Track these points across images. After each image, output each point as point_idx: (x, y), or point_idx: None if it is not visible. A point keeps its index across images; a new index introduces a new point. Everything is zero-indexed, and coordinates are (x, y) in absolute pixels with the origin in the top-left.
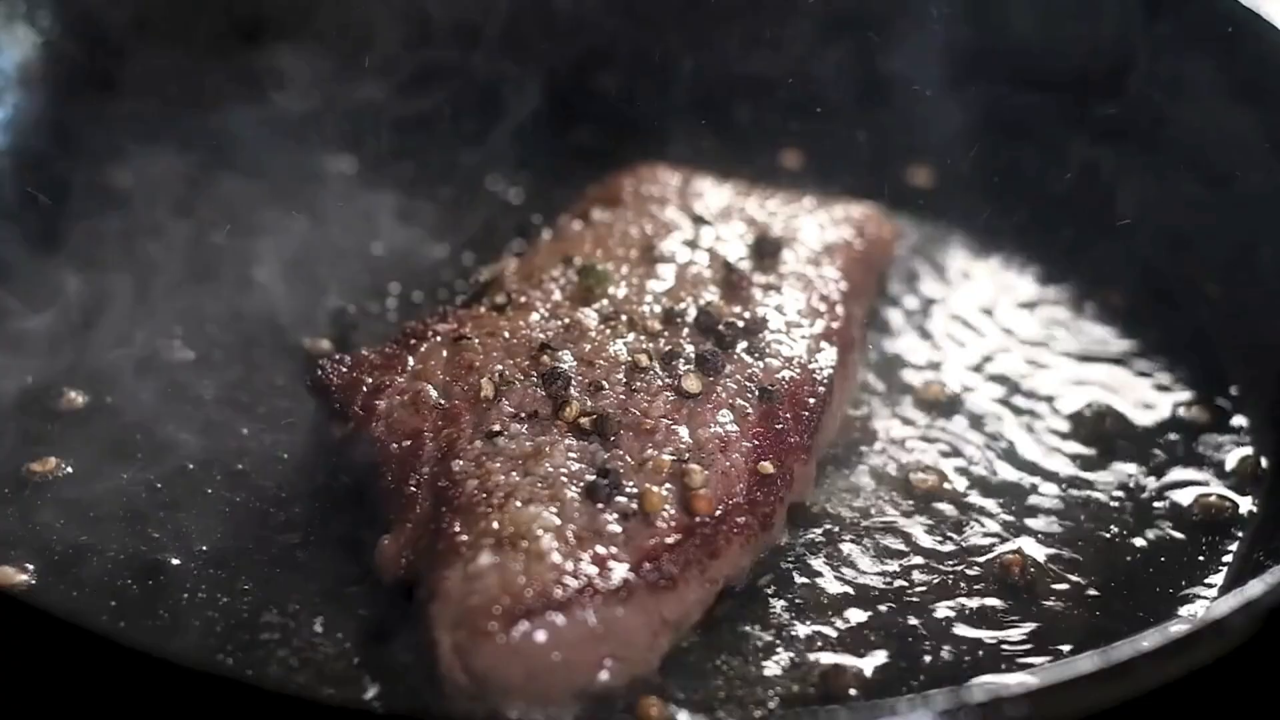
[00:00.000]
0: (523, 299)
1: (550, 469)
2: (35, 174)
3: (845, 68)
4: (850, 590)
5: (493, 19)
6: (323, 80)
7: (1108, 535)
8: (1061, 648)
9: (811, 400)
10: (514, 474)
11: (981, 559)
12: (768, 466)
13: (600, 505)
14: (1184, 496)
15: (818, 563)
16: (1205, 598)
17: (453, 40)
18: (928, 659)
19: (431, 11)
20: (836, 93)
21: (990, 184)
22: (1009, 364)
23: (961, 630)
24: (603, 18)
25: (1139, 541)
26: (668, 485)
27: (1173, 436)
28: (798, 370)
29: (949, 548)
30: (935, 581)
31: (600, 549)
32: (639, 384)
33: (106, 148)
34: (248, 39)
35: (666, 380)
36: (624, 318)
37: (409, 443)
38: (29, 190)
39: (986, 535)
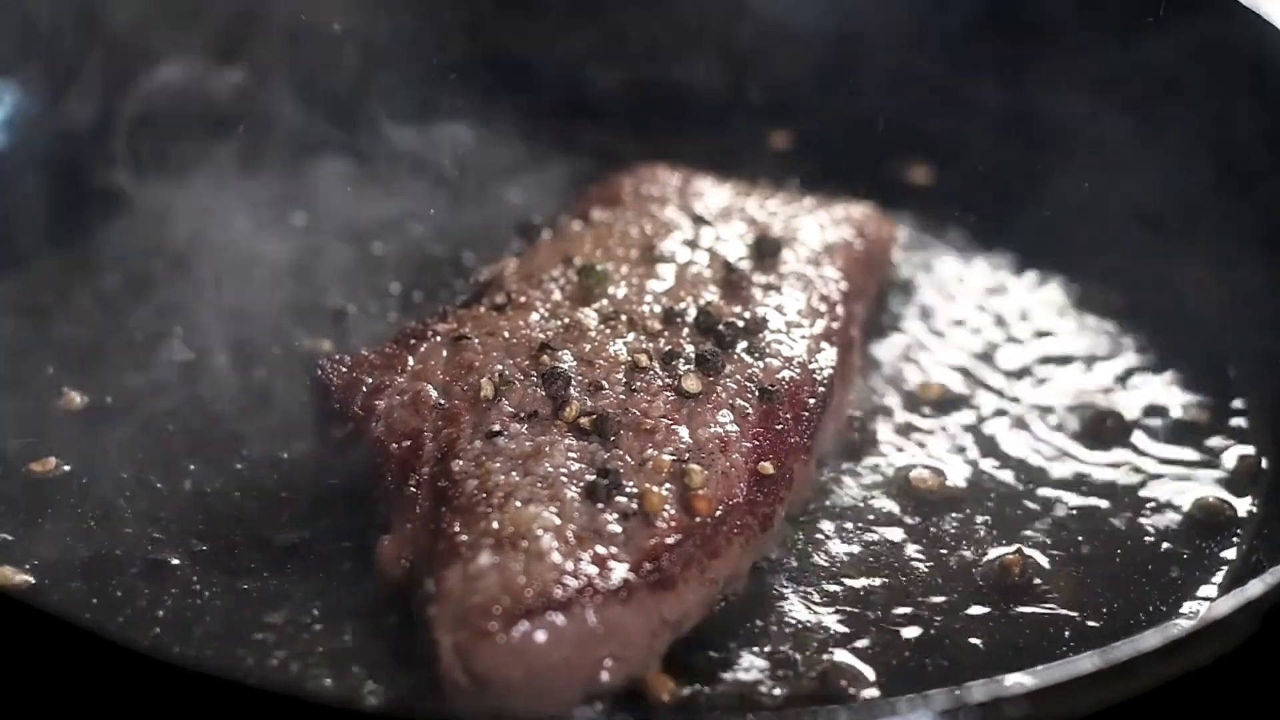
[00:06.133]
0: (523, 299)
1: (550, 469)
2: (35, 174)
3: (844, 65)
4: (850, 590)
5: (492, 20)
6: (322, 80)
7: (1107, 535)
8: (1061, 648)
9: (811, 400)
10: (514, 474)
11: (981, 559)
12: (768, 467)
13: (600, 505)
14: (1184, 496)
15: (817, 563)
16: (1205, 598)
17: (452, 40)
18: (927, 659)
19: (431, 12)
20: (835, 90)
21: (990, 183)
22: (1009, 364)
23: (961, 630)
24: (603, 17)
25: (1139, 541)
26: (668, 485)
27: (1173, 436)
28: (798, 370)
29: (948, 548)
30: (935, 582)
31: (600, 549)
32: (639, 384)
33: (105, 146)
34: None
35: (666, 380)
36: (624, 318)
37: (409, 443)
38: None
39: (986, 535)
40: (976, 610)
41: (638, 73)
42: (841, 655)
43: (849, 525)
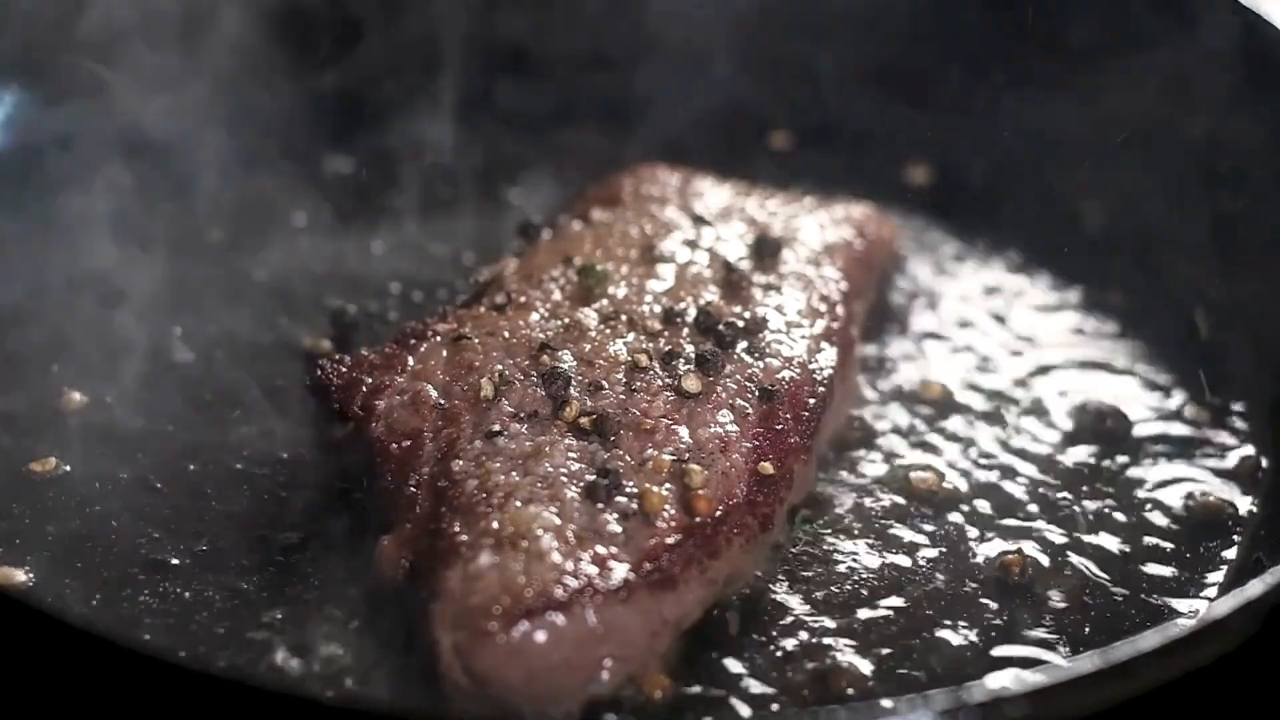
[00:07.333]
0: (523, 299)
1: (550, 469)
2: (35, 173)
3: (843, 65)
4: (849, 590)
5: (492, 21)
6: (322, 78)
7: (1107, 535)
8: (1061, 648)
9: (811, 400)
10: (514, 474)
11: (981, 559)
12: (768, 467)
13: (600, 505)
14: (1184, 496)
15: (816, 563)
16: (1205, 598)
17: (452, 40)
18: (927, 659)
19: (430, 13)
20: (835, 90)
21: (990, 183)
22: (1009, 363)
23: (961, 630)
24: (602, 18)
25: (1139, 541)
26: (668, 485)
27: (1173, 436)
28: (798, 370)
29: (948, 548)
30: (935, 581)
31: (600, 549)
32: (639, 384)
33: (105, 147)
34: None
35: (666, 380)
36: (624, 318)
37: (409, 443)
38: None
39: (986, 535)
40: (976, 610)
41: (637, 72)
42: (841, 655)
43: (849, 525)
